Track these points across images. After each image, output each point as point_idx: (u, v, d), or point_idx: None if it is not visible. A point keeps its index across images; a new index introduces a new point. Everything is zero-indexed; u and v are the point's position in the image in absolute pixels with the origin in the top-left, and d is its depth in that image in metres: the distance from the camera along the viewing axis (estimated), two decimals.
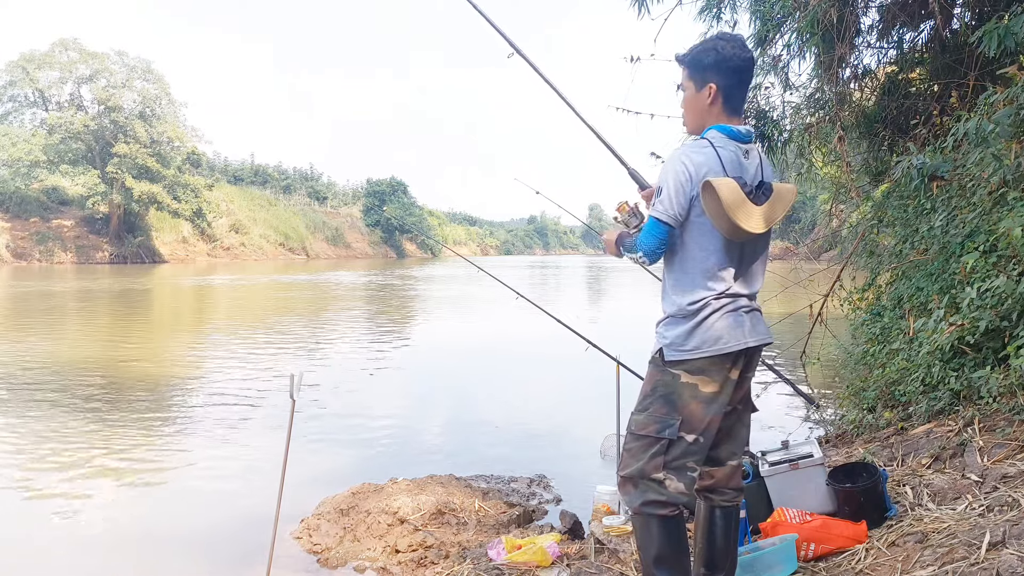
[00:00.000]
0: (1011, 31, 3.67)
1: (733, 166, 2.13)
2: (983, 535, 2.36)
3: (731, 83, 2.19)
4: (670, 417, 2.14)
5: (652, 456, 2.16)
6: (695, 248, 2.16)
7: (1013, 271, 3.44)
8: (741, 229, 2.07)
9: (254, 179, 72.36)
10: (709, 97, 2.19)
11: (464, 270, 37.08)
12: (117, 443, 5.81)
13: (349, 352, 10.94)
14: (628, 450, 2.23)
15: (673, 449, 2.15)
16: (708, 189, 2.05)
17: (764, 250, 2.28)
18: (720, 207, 2.04)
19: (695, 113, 2.26)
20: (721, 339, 2.13)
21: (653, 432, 2.16)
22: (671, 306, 2.22)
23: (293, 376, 3.04)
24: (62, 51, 48.09)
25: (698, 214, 2.12)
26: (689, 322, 2.15)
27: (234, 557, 3.76)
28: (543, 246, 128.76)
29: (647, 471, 2.16)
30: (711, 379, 2.15)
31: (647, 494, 2.17)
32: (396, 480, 4.59)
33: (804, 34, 5.16)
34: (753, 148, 2.23)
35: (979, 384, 3.50)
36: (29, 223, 45.30)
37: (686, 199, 2.11)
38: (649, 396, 2.20)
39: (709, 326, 2.13)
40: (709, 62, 2.19)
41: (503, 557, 3.13)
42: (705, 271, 2.15)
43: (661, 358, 2.20)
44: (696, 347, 2.13)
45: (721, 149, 2.14)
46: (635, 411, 2.24)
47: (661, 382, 2.19)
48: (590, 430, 5.74)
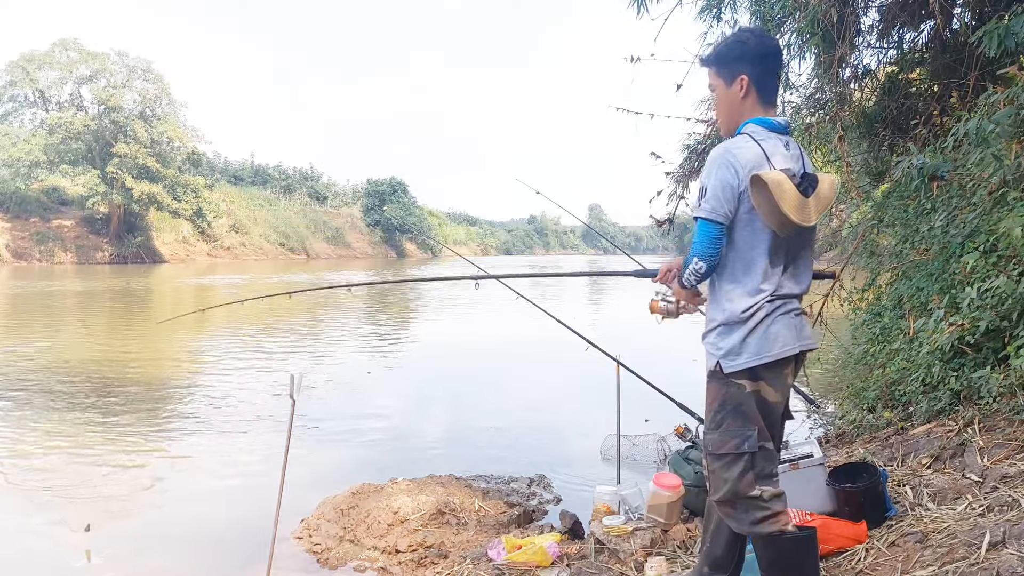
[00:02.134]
0: (1011, 31, 3.67)
1: (778, 158, 2.07)
2: (983, 535, 2.36)
3: (762, 71, 2.14)
4: (746, 429, 2.08)
5: (741, 474, 2.08)
6: (745, 247, 2.08)
7: (1013, 271, 3.44)
8: (792, 222, 2.00)
9: (254, 179, 72.33)
10: (742, 90, 2.15)
11: (464, 270, 37.05)
12: (117, 443, 5.81)
13: (349, 352, 10.94)
14: (712, 472, 2.15)
15: (759, 460, 2.09)
16: (757, 183, 1.99)
17: (810, 246, 2.21)
18: (772, 201, 1.98)
19: (729, 110, 2.20)
20: (777, 343, 2.07)
21: (733, 448, 2.09)
22: (722, 312, 2.13)
23: (293, 376, 3.04)
24: (62, 51, 48.07)
25: (747, 211, 2.05)
26: (743, 328, 2.08)
27: (234, 557, 3.76)
28: (543, 246, 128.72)
29: (741, 491, 2.09)
30: (771, 385, 2.10)
31: (751, 513, 2.10)
32: (396, 480, 4.59)
33: (804, 34, 5.16)
34: (791, 140, 2.17)
35: (979, 384, 3.50)
36: (29, 223, 45.29)
37: (733, 196, 2.04)
38: (719, 412, 2.12)
39: (764, 331, 2.07)
40: (736, 54, 2.15)
41: (503, 557, 3.13)
42: (757, 272, 2.08)
43: (721, 371, 2.11)
44: (754, 354, 2.07)
45: (763, 142, 2.08)
46: (707, 429, 2.17)
47: (728, 395, 2.11)
48: (590, 430, 5.74)
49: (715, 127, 6.17)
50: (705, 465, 2.20)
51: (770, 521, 2.10)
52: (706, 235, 2.07)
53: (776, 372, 2.10)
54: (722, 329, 2.12)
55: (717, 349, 2.12)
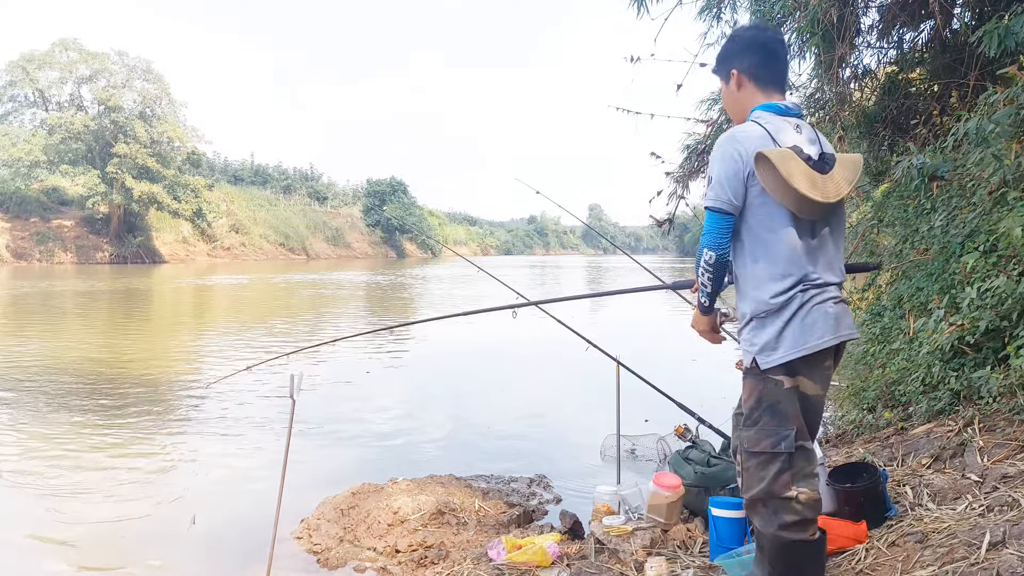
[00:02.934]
0: (1011, 31, 3.68)
1: (784, 137, 2.04)
2: (983, 535, 2.36)
3: (754, 61, 2.15)
4: (783, 428, 2.02)
5: (777, 474, 2.02)
6: (763, 232, 2.03)
7: (1013, 271, 3.44)
8: (808, 199, 1.94)
9: (254, 179, 72.35)
10: (738, 84, 2.17)
11: (464, 270, 37.08)
12: (117, 443, 5.81)
13: (350, 352, 10.93)
14: (746, 469, 2.09)
15: (797, 460, 2.03)
16: (762, 161, 1.95)
17: (839, 230, 2.14)
18: (779, 177, 1.93)
19: (732, 105, 2.23)
20: (815, 334, 2.00)
21: (768, 448, 2.03)
22: (751, 304, 2.06)
23: (293, 376, 3.04)
24: (62, 51, 48.07)
25: (758, 194, 2.00)
26: (777, 321, 2.01)
27: (234, 557, 3.76)
28: (543, 246, 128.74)
29: (776, 491, 2.02)
30: (810, 379, 2.04)
31: (781, 515, 2.03)
32: (396, 480, 4.59)
33: (804, 34, 5.17)
34: (803, 123, 2.14)
35: (979, 384, 3.51)
36: (29, 223, 45.29)
37: (739, 181, 2.01)
38: (756, 409, 2.06)
39: (800, 322, 2.00)
40: (726, 52, 2.21)
41: (503, 557, 3.13)
42: (780, 257, 2.01)
43: (757, 367, 2.05)
44: (791, 347, 2.00)
45: (767, 124, 2.06)
46: (743, 426, 2.11)
47: (764, 392, 2.04)
48: (590, 430, 5.74)
49: (715, 127, 6.18)
50: (738, 462, 2.14)
51: (797, 528, 2.03)
52: (713, 224, 2.04)
53: (815, 365, 2.04)
54: (755, 324, 2.06)
55: (752, 345, 2.06)
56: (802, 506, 2.03)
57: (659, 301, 18.56)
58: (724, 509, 2.92)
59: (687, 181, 6.53)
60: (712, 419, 3.87)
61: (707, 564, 2.88)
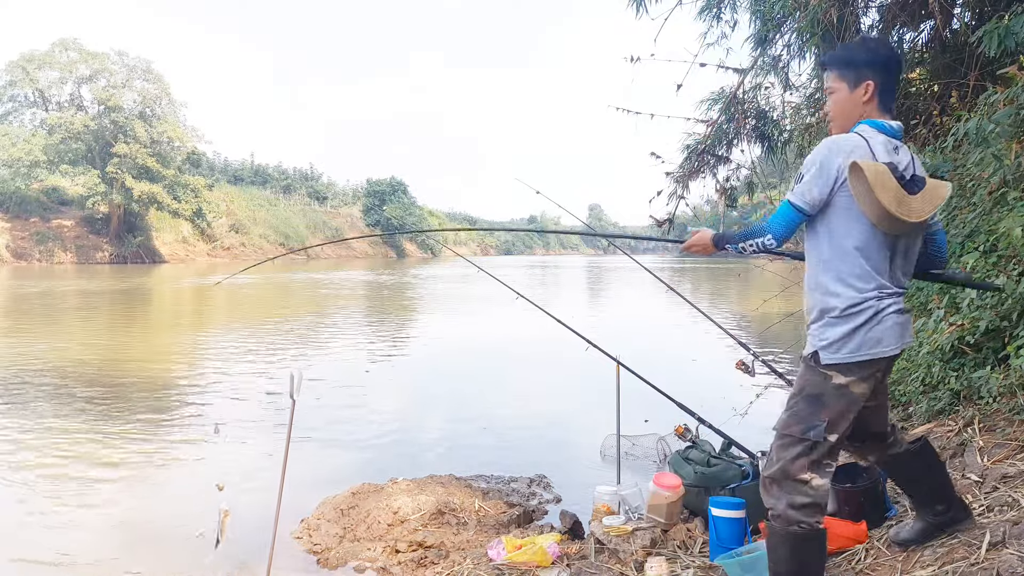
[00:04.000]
0: (1011, 31, 3.68)
1: (882, 154, 2.10)
2: (983, 535, 2.36)
3: (887, 79, 2.21)
4: (815, 418, 2.11)
5: (796, 457, 2.12)
6: (844, 237, 2.11)
7: (1013, 271, 3.45)
8: (891, 215, 2.02)
9: (254, 179, 72.36)
10: (866, 94, 2.19)
11: (464, 269, 37.09)
12: (117, 442, 5.81)
13: (349, 351, 10.94)
14: (772, 448, 2.22)
15: (818, 449, 2.12)
16: (856, 171, 2.03)
17: (916, 246, 2.23)
18: (868, 189, 2.00)
19: (847, 113, 2.24)
20: (882, 342, 2.09)
21: (797, 432, 2.12)
22: (824, 302, 2.14)
23: (293, 376, 3.04)
24: (62, 51, 48.08)
25: (846, 201, 2.08)
26: (851, 323, 2.09)
27: (234, 557, 3.75)
28: (543, 246, 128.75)
29: (792, 471, 2.12)
30: (863, 381, 2.12)
31: (792, 496, 2.12)
32: (396, 480, 4.59)
33: (804, 34, 5.17)
34: (903, 146, 2.21)
35: (979, 384, 3.51)
36: (29, 223, 45.30)
37: (827, 185, 2.08)
38: (796, 396, 2.17)
39: (871, 328, 2.08)
40: (864, 60, 2.20)
41: (503, 557, 3.13)
42: (857, 263, 2.09)
43: (816, 360, 2.14)
44: (855, 350, 2.09)
45: (870, 139, 2.13)
46: (784, 410, 2.23)
47: (811, 382, 2.15)
48: (590, 430, 5.73)
49: (715, 127, 6.18)
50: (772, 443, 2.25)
51: (808, 511, 2.11)
52: (786, 217, 2.13)
53: (872, 369, 2.13)
54: (829, 320, 2.13)
55: (820, 340, 2.14)
56: (814, 491, 2.11)
57: (659, 301, 18.56)
58: (724, 509, 2.92)
59: (687, 181, 6.53)
60: (712, 419, 3.86)
61: (707, 564, 2.88)
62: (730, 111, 6.14)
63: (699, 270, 42.47)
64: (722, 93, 6.23)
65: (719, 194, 6.44)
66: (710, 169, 6.47)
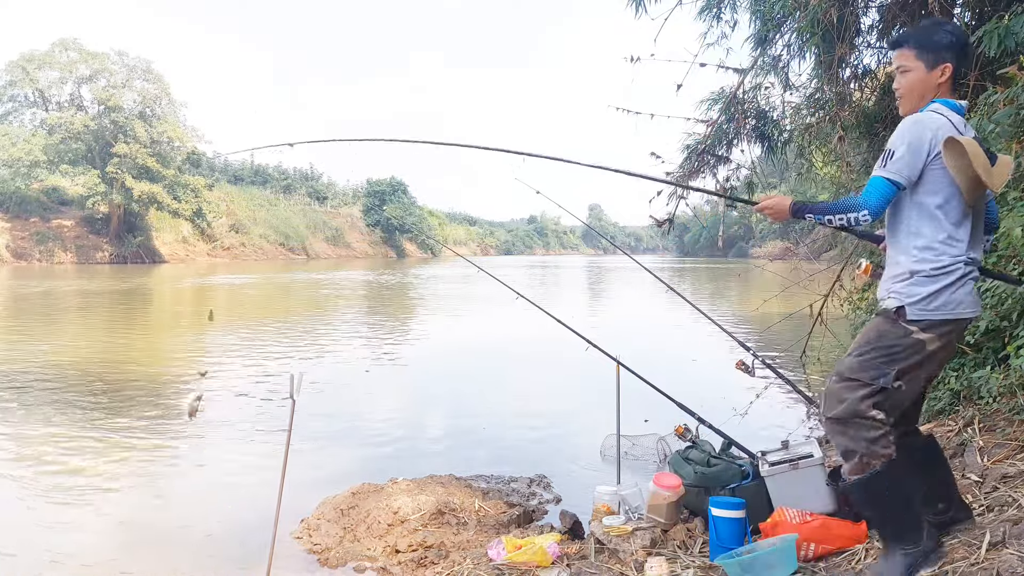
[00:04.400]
0: (1011, 31, 3.68)
1: (963, 131, 2.24)
2: (983, 535, 2.36)
3: (960, 64, 2.31)
4: (887, 368, 2.21)
5: (864, 397, 2.21)
6: (933, 206, 2.21)
7: (1013, 271, 3.44)
8: (983, 186, 2.14)
9: (254, 179, 72.31)
10: (942, 76, 2.27)
11: (464, 270, 37.10)
12: (117, 443, 5.81)
13: (349, 352, 10.94)
14: (832, 393, 2.27)
15: (884, 394, 2.22)
16: (953, 145, 2.12)
17: (982, 218, 2.36)
18: (967, 162, 2.11)
19: (921, 92, 2.30)
20: (962, 304, 2.21)
21: (866, 378, 2.22)
22: (915, 263, 2.23)
23: (293, 376, 3.04)
24: (62, 51, 48.05)
25: (939, 172, 2.18)
26: (938, 283, 2.20)
27: (234, 557, 3.76)
28: (543, 246, 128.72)
29: (860, 410, 2.21)
30: (940, 339, 2.22)
31: (866, 431, 2.21)
32: (396, 480, 4.59)
33: (804, 34, 5.17)
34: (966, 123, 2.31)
35: (979, 384, 3.51)
36: (29, 223, 45.29)
37: (921, 160, 2.18)
38: (869, 343, 2.25)
39: (955, 290, 2.20)
40: (945, 43, 2.27)
41: (503, 557, 3.13)
42: (945, 229, 2.21)
43: (900, 314, 2.23)
44: (939, 307, 2.19)
45: (948, 117, 2.24)
46: (850, 355, 2.29)
47: (889, 333, 2.23)
48: (590, 430, 5.74)
49: (715, 127, 6.18)
50: (825, 389, 2.30)
51: (884, 442, 2.21)
52: (883, 193, 2.20)
53: (949, 329, 2.23)
54: (915, 279, 2.22)
55: (906, 296, 2.22)
56: (883, 424, 2.22)
57: (659, 301, 18.56)
58: (724, 509, 2.92)
59: (687, 181, 6.52)
60: (712, 419, 3.86)
61: (707, 564, 2.88)
62: (730, 111, 6.14)
63: (699, 270, 42.48)
64: (722, 93, 6.23)
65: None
66: (710, 169, 6.47)
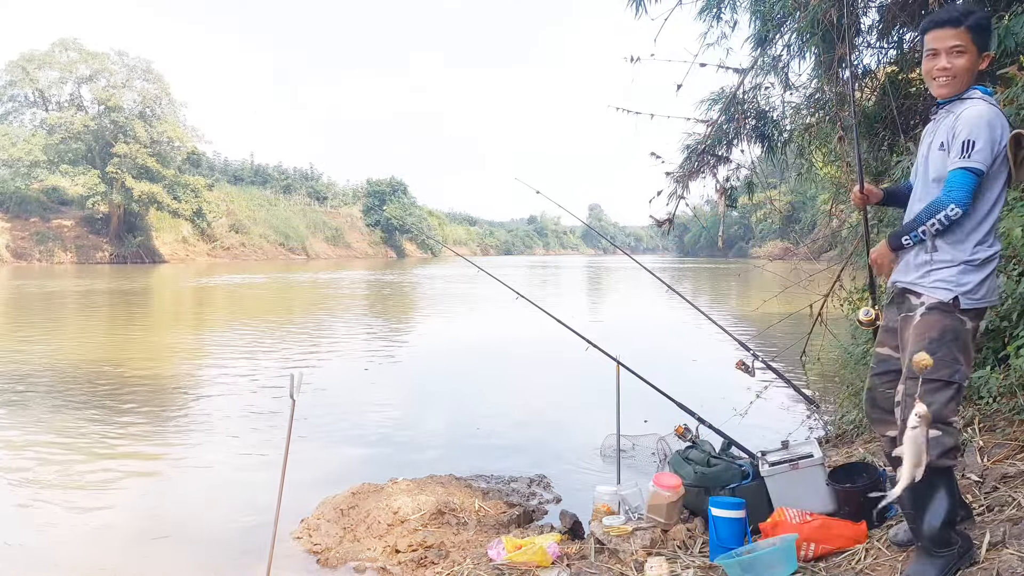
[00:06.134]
0: (1011, 31, 3.68)
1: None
2: (983, 535, 2.36)
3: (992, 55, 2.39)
4: (959, 363, 2.20)
5: (948, 400, 2.19)
6: (986, 200, 2.24)
7: (1013, 271, 3.44)
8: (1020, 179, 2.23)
9: (254, 179, 72.36)
10: (983, 64, 2.32)
11: (464, 270, 37.09)
12: (117, 443, 5.81)
13: (349, 351, 10.94)
14: (912, 396, 2.15)
15: (961, 392, 2.24)
16: (1019, 139, 2.17)
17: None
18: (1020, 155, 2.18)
19: (969, 75, 2.32)
20: (995, 292, 2.30)
21: (945, 376, 2.18)
22: (965, 253, 2.24)
23: (293, 376, 3.04)
24: (62, 51, 48.10)
25: (998, 167, 2.22)
26: (982, 272, 2.24)
27: (234, 557, 3.76)
28: (543, 246, 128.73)
29: (945, 415, 2.18)
30: (978, 326, 2.28)
31: (944, 440, 2.17)
32: (396, 480, 4.59)
33: (804, 34, 5.17)
34: None
35: (979, 384, 3.51)
36: (29, 223, 45.31)
37: (995, 151, 2.20)
38: (937, 341, 2.21)
39: (993, 279, 2.27)
40: (991, 32, 2.36)
41: (503, 557, 3.13)
42: (989, 223, 2.26)
43: (954, 305, 2.23)
44: (984, 296, 2.24)
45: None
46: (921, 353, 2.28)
47: (951, 328, 2.22)
48: (590, 430, 5.74)
49: (715, 127, 6.17)
50: (900, 391, 2.27)
51: (951, 455, 2.21)
52: (966, 183, 2.19)
53: (982, 317, 2.30)
54: (964, 268, 2.24)
55: (958, 286, 2.23)
56: (956, 433, 2.23)
57: (659, 301, 18.56)
58: (724, 509, 2.92)
59: (687, 181, 6.51)
60: (712, 419, 3.86)
61: (707, 564, 2.88)
62: (730, 111, 6.13)
63: (699, 270, 42.47)
64: (722, 93, 6.22)
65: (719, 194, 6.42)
66: (710, 169, 6.46)
